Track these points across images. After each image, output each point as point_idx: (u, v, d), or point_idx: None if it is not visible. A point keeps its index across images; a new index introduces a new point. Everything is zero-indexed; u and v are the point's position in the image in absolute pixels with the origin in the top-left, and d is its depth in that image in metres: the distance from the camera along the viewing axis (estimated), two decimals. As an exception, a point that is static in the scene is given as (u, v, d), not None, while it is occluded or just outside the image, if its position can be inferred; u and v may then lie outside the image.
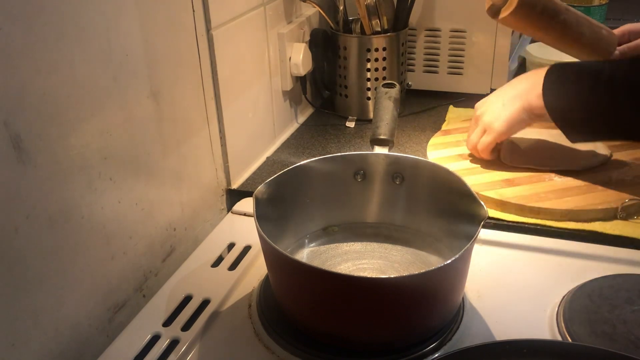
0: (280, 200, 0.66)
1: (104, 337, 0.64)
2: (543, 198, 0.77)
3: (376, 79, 1.05)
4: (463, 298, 0.63)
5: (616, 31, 0.87)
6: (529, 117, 0.79)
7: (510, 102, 0.80)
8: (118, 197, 0.64)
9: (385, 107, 0.79)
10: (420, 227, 0.72)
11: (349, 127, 1.06)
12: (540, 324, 0.61)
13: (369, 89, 1.06)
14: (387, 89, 0.82)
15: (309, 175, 0.69)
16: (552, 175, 0.83)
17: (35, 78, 0.52)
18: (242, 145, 0.89)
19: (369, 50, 1.04)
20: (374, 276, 0.66)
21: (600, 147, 0.87)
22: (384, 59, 1.05)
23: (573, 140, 0.77)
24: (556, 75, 0.75)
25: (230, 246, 0.76)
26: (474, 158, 0.88)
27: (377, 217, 0.74)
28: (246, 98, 0.89)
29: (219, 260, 0.73)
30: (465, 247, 0.54)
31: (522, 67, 1.23)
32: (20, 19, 0.50)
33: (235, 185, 0.88)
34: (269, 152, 0.98)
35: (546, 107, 0.75)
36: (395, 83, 0.83)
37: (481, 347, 0.53)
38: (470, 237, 0.56)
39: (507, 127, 0.81)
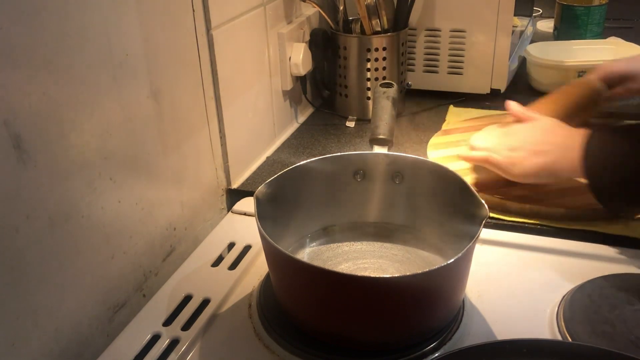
0: (281, 200, 0.66)
1: (104, 336, 0.64)
2: (543, 198, 0.77)
3: (376, 79, 1.05)
4: (463, 298, 0.63)
5: (600, 75, 0.87)
6: (547, 177, 0.75)
7: (533, 155, 0.73)
8: (118, 197, 0.64)
9: (383, 106, 0.79)
10: (421, 227, 0.72)
11: (349, 127, 1.06)
12: (540, 324, 0.61)
13: (369, 89, 1.06)
14: (384, 89, 0.82)
15: (309, 175, 0.69)
16: None
17: (35, 78, 0.52)
18: (242, 145, 0.89)
19: (369, 50, 1.04)
20: (375, 275, 0.66)
21: None
22: (384, 58, 1.04)
23: (611, 209, 0.72)
24: (597, 140, 0.68)
25: (230, 246, 0.76)
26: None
27: (377, 217, 0.74)
28: (246, 98, 0.89)
29: (219, 259, 0.73)
30: (467, 246, 0.54)
31: (522, 67, 1.23)
32: (20, 19, 0.50)
33: (235, 185, 0.88)
34: (269, 152, 0.98)
35: (587, 175, 0.68)
36: (392, 82, 0.83)
37: (481, 347, 0.52)
38: (471, 236, 0.56)
39: (523, 177, 0.75)
